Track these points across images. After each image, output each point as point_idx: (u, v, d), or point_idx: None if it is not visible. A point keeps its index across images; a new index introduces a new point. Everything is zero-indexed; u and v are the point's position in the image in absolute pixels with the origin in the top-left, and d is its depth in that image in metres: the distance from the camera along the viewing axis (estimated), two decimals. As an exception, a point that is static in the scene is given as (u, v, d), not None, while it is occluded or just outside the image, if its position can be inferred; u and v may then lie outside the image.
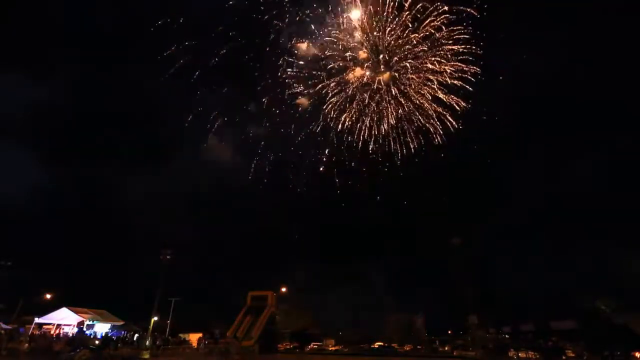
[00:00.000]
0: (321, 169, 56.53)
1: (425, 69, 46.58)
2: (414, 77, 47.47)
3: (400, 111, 49.69)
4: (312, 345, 58.80)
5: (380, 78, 48.12)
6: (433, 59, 45.74)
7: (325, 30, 45.95)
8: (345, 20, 44.67)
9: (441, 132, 49.70)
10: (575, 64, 77.15)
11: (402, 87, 48.44)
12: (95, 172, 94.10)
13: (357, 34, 45.34)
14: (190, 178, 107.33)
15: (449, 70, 45.87)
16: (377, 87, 48.96)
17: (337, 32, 45.62)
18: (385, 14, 43.81)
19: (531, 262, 79.32)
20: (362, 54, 46.88)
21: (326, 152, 56.18)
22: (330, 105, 50.26)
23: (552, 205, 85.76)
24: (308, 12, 45.98)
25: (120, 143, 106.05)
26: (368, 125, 51.25)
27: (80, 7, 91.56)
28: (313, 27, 46.86)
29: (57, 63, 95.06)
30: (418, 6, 43.34)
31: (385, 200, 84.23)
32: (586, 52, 74.39)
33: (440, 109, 48.46)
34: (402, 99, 48.98)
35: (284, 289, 55.00)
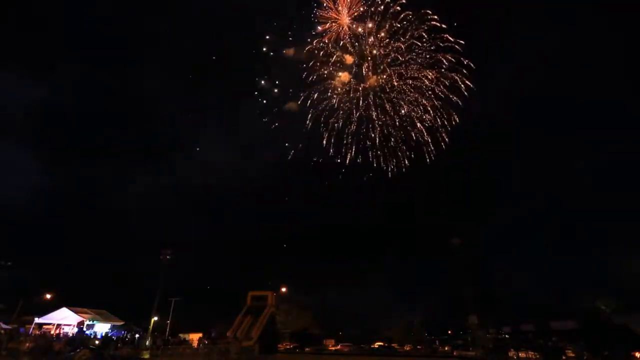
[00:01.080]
0: (315, 169, 56.17)
1: (412, 76, 46.31)
2: (400, 84, 47.11)
3: (387, 119, 49.30)
4: (340, 346, 58.88)
5: (367, 85, 47.92)
6: (416, 66, 45.48)
7: (312, 35, 45.85)
8: (331, 27, 44.51)
9: (431, 143, 49.16)
10: (574, 64, 77.24)
11: (391, 95, 48.11)
12: (95, 172, 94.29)
13: (344, 41, 45.26)
14: (190, 178, 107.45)
15: (431, 77, 45.43)
16: (363, 93, 48.69)
17: (324, 38, 45.54)
18: (370, 19, 43.80)
19: (531, 262, 79.44)
20: (349, 60, 46.80)
21: (314, 159, 55.82)
22: (318, 111, 50.09)
23: (552, 205, 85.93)
24: (296, 17, 46.04)
25: (120, 143, 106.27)
26: (355, 131, 50.93)
27: (80, 7, 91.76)
28: (300, 33, 46.85)
29: (57, 63, 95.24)
30: (403, 14, 43.30)
31: (385, 201, 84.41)
32: (586, 52, 74.52)
33: (430, 117, 47.91)
34: (389, 107, 48.62)
35: (284, 289, 55.02)
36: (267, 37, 49.18)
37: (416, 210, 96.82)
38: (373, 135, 50.39)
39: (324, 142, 51.14)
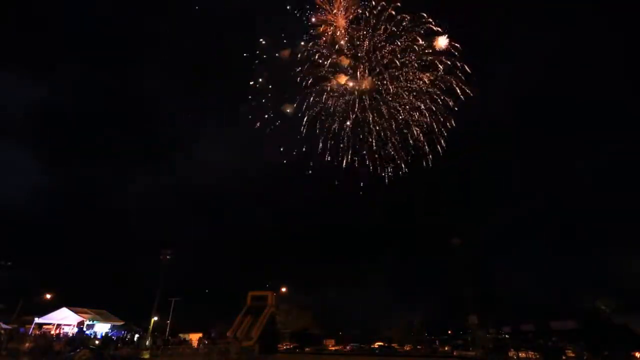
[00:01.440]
0: (310, 172, 55.89)
1: (407, 79, 45.94)
2: (396, 87, 46.70)
3: (384, 122, 48.90)
4: (349, 347, 58.43)
5: (363, 88, 47.61)
6: (412, 69, 45.10)
7: (308, 38, 45.60)
8: (327, 29, 44.29)
9: (427, 146, 48.73)
10: (574, 64, 77.27)
11: (387, 98, 47.70)
12: (95, 172, 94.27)
13: (340, 42, 45.01)
14: (190, 178, 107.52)
15: (427, 80, 45.03)
16: (358, 96, 48.34)
17: (319, 40, 45.28)
18: (366, 21, 43.60)
19: (531, 262, 79.48)
20: (344, 62, 46.47)
21: (311, 162, 55.52)
22: (314, 112, 49.79)
23: (552, 205, 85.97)
24: (292, 19, 45.72)
25: (120, 143, 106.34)
26: (352, 134, 50.55)
27: (80, 7, 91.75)
28: (296, 35, 46.49)
29: (57, 63, 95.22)
30: (400, 16, 43.03)
31: (385, 201, 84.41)
32: (586, 52, 74.55)
33: (427, 120, 47.44)
34: (385, 110, 48.31)
35: (284, 289, 55.02)
36: (261, 40, 48.87)
37: (416, 211, 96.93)
38: (370, 139, 50.18)
39: (320, 144, 50.90)
